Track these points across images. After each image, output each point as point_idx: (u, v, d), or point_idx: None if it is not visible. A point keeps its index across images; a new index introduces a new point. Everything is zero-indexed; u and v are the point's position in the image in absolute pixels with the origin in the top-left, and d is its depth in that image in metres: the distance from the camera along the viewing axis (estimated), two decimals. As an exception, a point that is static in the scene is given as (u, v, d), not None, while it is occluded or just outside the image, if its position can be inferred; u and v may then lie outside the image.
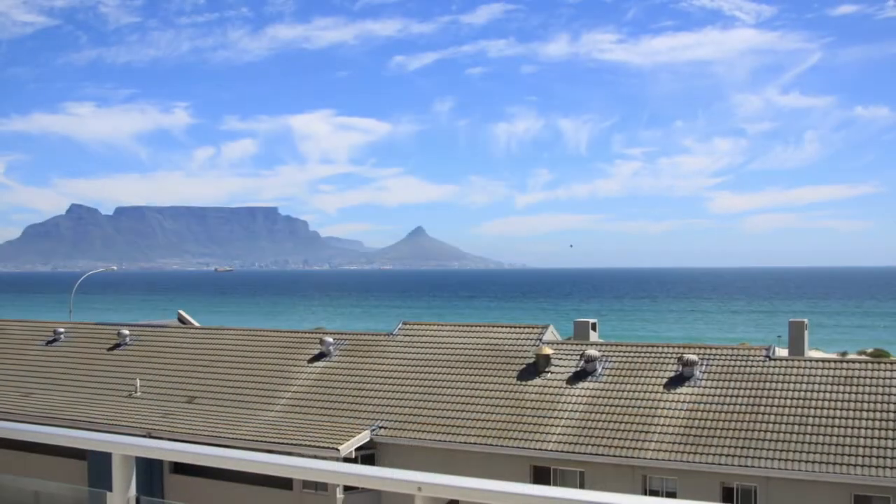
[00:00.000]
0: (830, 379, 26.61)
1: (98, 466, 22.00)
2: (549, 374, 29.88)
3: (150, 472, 29.39)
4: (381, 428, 29.00)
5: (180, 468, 29.59)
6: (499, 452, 27.16)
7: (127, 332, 39.34)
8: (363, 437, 28.38)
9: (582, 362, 29.79)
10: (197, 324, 45.47)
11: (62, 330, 41.33)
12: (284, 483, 27.90)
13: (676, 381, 28.03)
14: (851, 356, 61.95)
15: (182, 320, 45.82)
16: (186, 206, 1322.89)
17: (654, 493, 25.53)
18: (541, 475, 27.00)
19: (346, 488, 27.18)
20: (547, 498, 2.91)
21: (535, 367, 30.31)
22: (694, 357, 28.36)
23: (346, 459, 27.14)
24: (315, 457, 25.44)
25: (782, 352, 31.86)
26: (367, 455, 28.66)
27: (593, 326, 36.12)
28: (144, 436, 27.74)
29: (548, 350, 30.58)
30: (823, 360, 29.01)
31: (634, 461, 25.47)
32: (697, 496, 24.25)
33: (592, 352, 29.93)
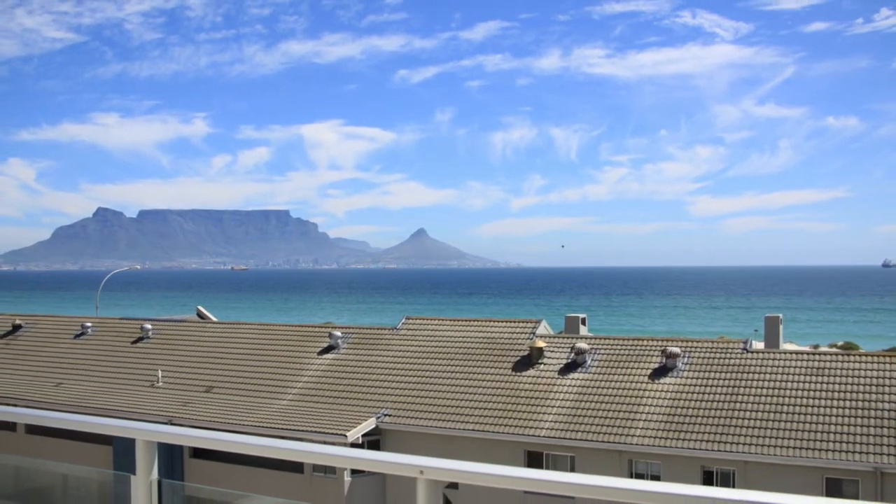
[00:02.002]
0: (804, 370, 26.59)
1: (123, 451, 21.97)
2: (542, 366, 29.86)
3: (171, 457, 29.37)
4: (385, 415, 28.98)
5: (199, 453, 29.58)
6: (495, 438, 27.15)
7: (149, 326, 39.34)
8: (369, 424, 28.37)
9: (572, 354, 29.77)
10: (214, 319, 45.45)
11: (89, 324, 41.33)
12: (296, 467, 27.90)
13: (660, 372, 28.02)
14: (823, 349, 61.83)
15: (201, 315, 45.78)
16: (205, 209, 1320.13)
17: (639, 476, 25.53)
18: (534, 459, 27.00)
19: (353, 471, 27.16)
20: (540, 481, 2.90)
21: (529, 359, 30.29)
22: (676, 349, 28.35)
23: (354, 445, 27.13)
24: (324, 442, 25.43)
25: (759, 345, 31.83)
26: (373, 440, 28.64)
27: (583, 321, 36.11)
28: (166, 423, 27.73)
29: (541, 343, 30.56)
30: (797, 353, 28.98)
31: (621, 446, 25.46)
32: (680, 479, 24.23)
33: (582, 345, 29.92)
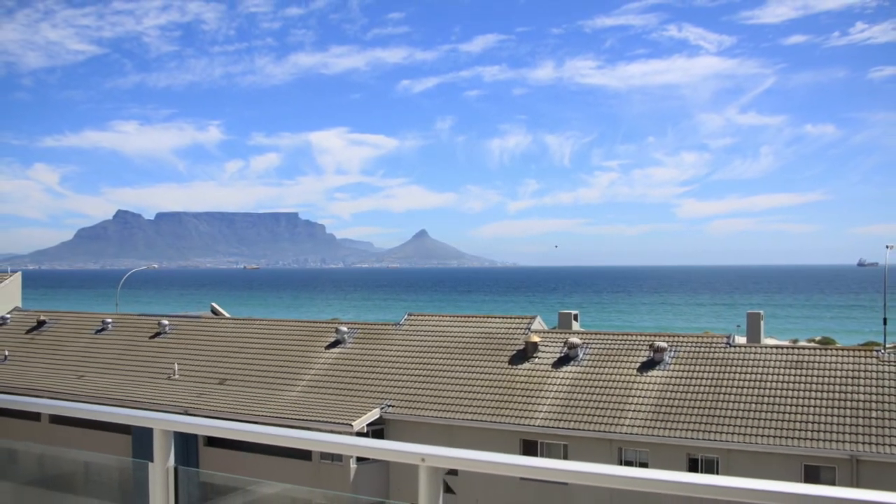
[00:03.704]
0: (783, 363, 26.59)
1: (141, 440, 21.96)
2: (536, 359, 29.85)
3: (187, 445, 29.37)
4: (389, 406, 28.98)
5: (213, 441, 29.58)
6: (492, 427, 27.14)
7: (166, 322, 39.32)
8: (373, 414, 28.36)
9: (565, 349, 29.77)
10: (227, 315, 45.45)
11: (110, 320, 41.31)
12: (304, 454, 27.91)
13: (648, 366, 28.01)
14: (802, 343, 61.83)
15: (215, 312, 45.78)
16: (219, 211, 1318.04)
17: (628, 463, 25.52)
18: (529, 447, 26.99)
19: (359, 459, 27.18)
20: (535, 468, 2.90)
21: (525, 353, 30.28)
22: (663, 344, 28.34)
23: (359, 434, 27.12)
24: (331, 431, 25.42)
25: (741, 340, 31.82)
26: (377, 430, 28.64)
27: (575, 317, 36.07)
28: (182, 413, 27.72)
29: (535, 338, 30.55)
30: (777, 347, 28.98)
31: (612, 435, 25.46)
32: (666, 466, 24.23)
33: (575, 339, 29.91)
